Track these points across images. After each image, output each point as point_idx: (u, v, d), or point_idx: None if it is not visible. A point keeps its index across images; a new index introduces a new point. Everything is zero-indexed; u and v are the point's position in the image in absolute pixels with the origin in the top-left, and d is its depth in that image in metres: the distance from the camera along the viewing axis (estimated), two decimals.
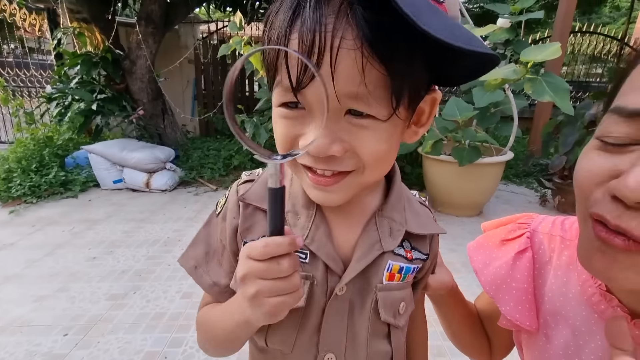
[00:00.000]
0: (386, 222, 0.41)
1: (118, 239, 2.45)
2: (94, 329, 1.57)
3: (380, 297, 0.40)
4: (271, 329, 0.41)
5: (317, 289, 0.39)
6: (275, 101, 0.34)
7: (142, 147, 3.55)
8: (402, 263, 0.41)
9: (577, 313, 0.41)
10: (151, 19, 3.65)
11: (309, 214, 0.40)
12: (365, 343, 0.41)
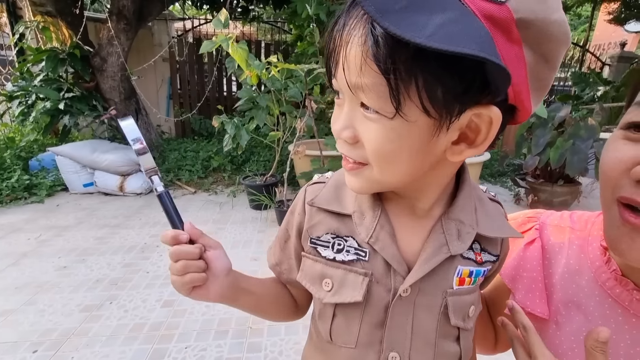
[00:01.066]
0: (453, 224, 0.40)
1: (90, 246, 2.32)
2: (67, 344, 1.47)
3: (451, 302, 0.40)
4: (334, 323, 0.42)
5: (377, 286, 0.40)
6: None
7: (114, 148, 3.39)
8: (472, 267, 0.41)
9: (590, 299, 0.42)
10: (123, 15, 3.49)
11: (374, 214, 0.41)
12: (434, 345, 0.41)
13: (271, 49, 5.60)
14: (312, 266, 0.43)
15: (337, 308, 0.42)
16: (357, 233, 0.41)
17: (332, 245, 0.42)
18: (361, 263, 0.40)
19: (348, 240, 0.41)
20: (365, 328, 0.41)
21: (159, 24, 5.24)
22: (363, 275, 0.40)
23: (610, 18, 7.52)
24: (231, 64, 2.31)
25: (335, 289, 0.41)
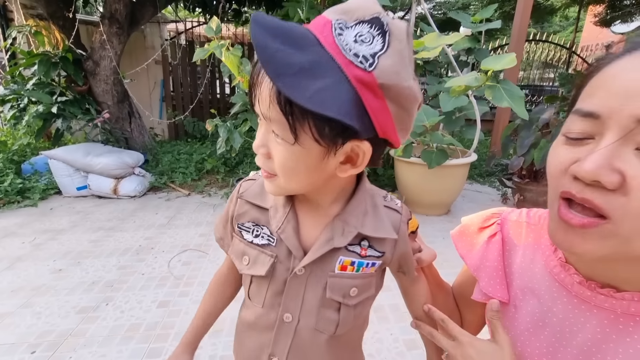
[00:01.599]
0: (340, 224, 0.51)
1: (85, 249, 2.35)
2: (65, 345, 1.50)
3: (330, 282, 0.52)
4: (251, 288, 0.56)
5: (280, 265, 0.53)
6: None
7: (108, 151, 3.40)
8: (354, 258, 0.52)
9: (541, 284, 0.48)
10: (115, 19, 3.51)
11: (284, 211, 0.52)
12: (317, 311, 0.54)
13: None
14: (237, 245, 0.57)
15: (253, 277, 0.55)
16: (270, 224, 0.53)
17: (252, 231, 0.55)
18: (270, 247, 0.53)
19: (263, 229, 0.54)
20: (269, 294, 0.54)
21: (152, 27, 5.25)
22: (270, 256, 0.53)
23: (596, 20, 7.70)
24: (225, 69, 2.36)
25: (250, 264, 0.54)
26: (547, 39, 7.31)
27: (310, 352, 0.55)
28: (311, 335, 0.54)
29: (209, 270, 2.09)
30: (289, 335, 0.54)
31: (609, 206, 0.34)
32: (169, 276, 2.03)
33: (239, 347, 0.63)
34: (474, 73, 2.15)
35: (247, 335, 0.60)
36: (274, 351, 0.55)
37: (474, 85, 2.09)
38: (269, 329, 0.55)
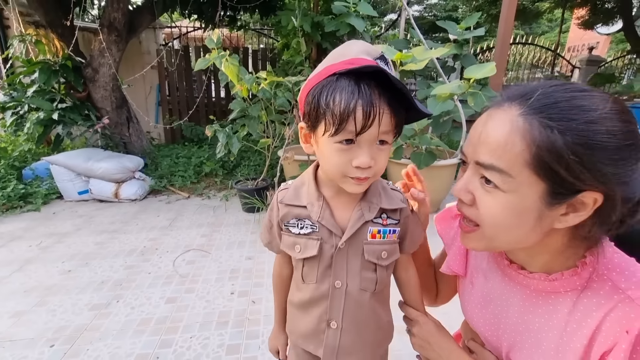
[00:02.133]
0: (366, 204, 0.66)
1: (92, 250, 2.45)
2: (81, 338, 1.62)
3: (366, 248, 0.67)
4: (304, 270, 0.70)
5: (325, 245, 0.66)
6: (338, 139, 0.56)
7: (108, 156, 3.50)
8: (379, 227, 0.67)
9: (486, 265, 0.63)
10: (114, 27, 3.60)
11: (319, 204, 0.67)
12: (359, 273, 0.68)
13: (258, 56, 5.76)
14: (287, 239, 0.69)
15: (305, 260, 0.68)
16: (311, 216, 0.66)
17: (297, 225, 0.68)
18: (315, 233, 0.67)
19: (305, 221, 0.67)
20: (320, 269, 0.68)
21: (147, 32, 5.34)
22: (316, 239, 0.66)
23: (579, 22, 7.96)
24: (224, 76, 2.48)
25: (302, 250, 0.67)
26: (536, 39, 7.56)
27: (358, 310, 0.69)
28: (358, 294, 0.68)
29: (212, 269, 2.21)
30: (341, 298, 0.68)
31: (471, 216, 0.50)
32: (174, 274, 2.15)
33: (296, 325, 0.75)
34: (458, 81, 2.31)
35: (302, 314, 0.73)
36: (331, 316, 0.68)
37: (458, 92, 2.25)
38: (324, 299, 0.68)
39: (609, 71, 7.03)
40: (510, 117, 0.43)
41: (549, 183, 0.42)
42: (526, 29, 16.68)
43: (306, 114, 0.60)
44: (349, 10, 3.25)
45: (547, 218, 0.44)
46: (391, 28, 6.49)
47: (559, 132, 0.40)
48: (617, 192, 0.41)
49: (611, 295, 0.46)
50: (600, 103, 0.41)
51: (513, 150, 0.42)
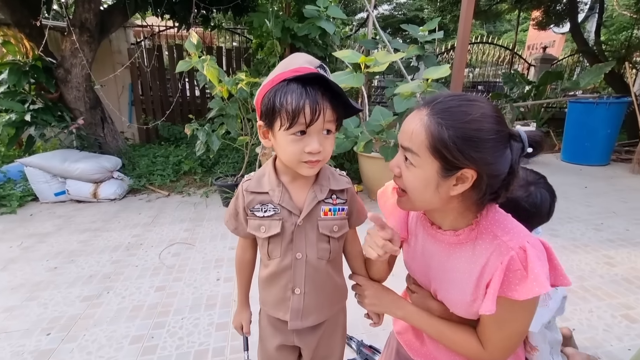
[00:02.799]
0: (318, 186, 0.81)
1: (76, 248, 2.52)
2: (76, 326, 1.73)
3: (320, 224, 0.81)
4: (269, 248, 0.82)
5: (286, 223, 0.80)
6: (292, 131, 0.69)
7: (85, 157, 3.51)
8: (330, 206, 0.82)
9: (418, 228, 0.83)
10: (86, 28, 3.60)
11: (279, 189, 0.79)
12: (316, 245, 0.82)
13: (232, 55, 5.83)
14: (253, 222, 0.81)
15: (270, 239, 0.81)
16: (272, 200, 0.79)
17: (261, 209, 0.80)
18: (277, 214, 0.79)
19: (268, 205, 0.80)
20: (283, 245, 0.81)
21: (117, 31, 5.27)
22: (278, 220, 0.79)
23: (534, 23, 8.57)
24: (202, 78, 2.60)
25: (267, 230, 0.80)
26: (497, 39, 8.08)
27: (317, 276, 0.83)
28: (316, 263, 0.82)
29: (198, 259, 2.35)
30: (302, 267, 0.81)
31: (401, 184, 0.69)
32: (161, 266, 2.27)
33: (266, 297, 0.88)
34: (418, 81, 2.57)
35: (270, 285, 0.85)
36: (295, 284, 0.82)
37: (419, 91, 2.50)
38: (288, 270, 0.81)
39: (560, 69, 7.65)
40: (420, 116, 0.63)
41: (441, 162, 0.61)
42: (490, 28, 17.51)
43: (263, 113, 0.72)
44: (319, 13, 3.43)
45: (443, 187, 0.64)
46: (361, 27, 6.74)
47: (445, 128, 0.59)
48: (484, 170, 0.60)
49: (492, 241, 0.66)
50: (476, 110, 0.60)
51: (419, 137, 0.62)
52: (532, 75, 7.98)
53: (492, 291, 0.63)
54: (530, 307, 0.65)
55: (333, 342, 0.93)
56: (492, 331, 0.68)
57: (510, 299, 0.63)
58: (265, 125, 0.73)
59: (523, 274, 0.61)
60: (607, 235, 2.73)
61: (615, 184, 4.08)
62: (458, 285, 0.72)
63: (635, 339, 1.62)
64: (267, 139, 0.76)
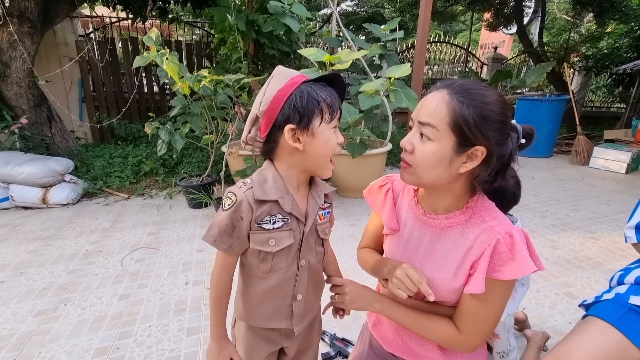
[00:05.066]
0: (316, 192, 0.82)
1: (25, 259, 2.32)
2: (30, 343, 1.60)
3: (318, 228, 0.83)
4: (274, 261, 0.78)
5: (296, 232, 0.78)
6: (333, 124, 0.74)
7: (31, 159, 3.22)
8: (323, 210, 0.84)
9: (409, 218, 0.86)
10: (26, 18, 3.28)
11: (288, 197, 0.76)
12: (315, 249, 0.84)
13: (193, 50, 5.61)
14: (260, 236, 0.75)
15: (275, 252, 0.76)
16: (282, 209, 0.75)
17: (270, 221, 0.75)
18: (286, 225, 0.76)
19: (277, 216, 0.75)
20: (291, 255, 0.79)
21: (64, 21, 4.87)
22: (289, 230, 0.77)
23: (486, 25, 9.11)
24: (163, 73, 2.48)
25: (277, 243, 0.76)
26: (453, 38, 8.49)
27: (316, 279, 0.86)
28: (315, 267, 0.84)
29: (164, 264, 2.27)
30: (305, 273, 0.81)
31: (409, 160, 0.73)
32: (124, 273, 2.16)
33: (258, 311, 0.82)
34: (382, 79, 2.66)
35: (269, 298, 0.81)
36: (297, 290, 0.81)
37: (381, 89, 2.58)
38: (292, 278, 0.80)
39: (509, 68, 8.23)
40: (441, 95, 0.67)
41: (458, 137, 0.66)
42: (446, 27, 18.34)
43: (294, 116, 0.70)
44: (284, 10, 3.40)
45: (455, 163, 0.68)
46: (325, 24, 6.77)
47: (466, 106, 0.64)
48: (494, 149, 0.66)
49: (480, 225, 0.74)
50: (491, 94, 0.67)
51: (441, 113, 0.66)
52: (485, 73, 8.50)
53: (481, 271, 0.70)
54: (509, 289, 0.73)
55: (312, 334, 0.97)
56: (471, 314, 0.74)
57: (494, 279, 0.70)
58: (300, 127, 0.71)
59: (509, 255, 0.68)
60: (551, 221, 3.02)
61: (557, 174, 4.49)
62: (442, 264, 0.78)
63: (575, 313, 1.82)
64: (300, 141, 0.73)
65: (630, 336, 0.78)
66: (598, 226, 2.92)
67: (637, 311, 0.82)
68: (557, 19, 10.33)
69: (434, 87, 0.71)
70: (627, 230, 0.95)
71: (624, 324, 0.80)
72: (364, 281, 0.97)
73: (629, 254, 2.44)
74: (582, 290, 2.02)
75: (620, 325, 0.80)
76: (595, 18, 7.30)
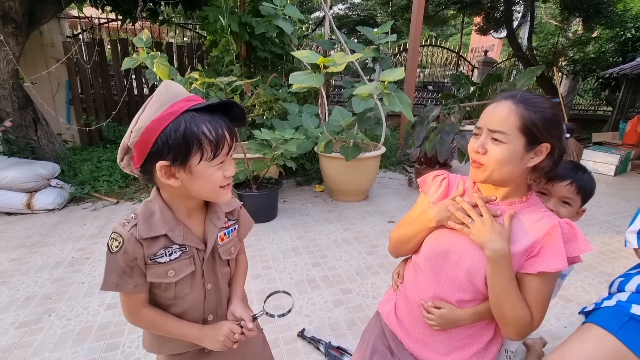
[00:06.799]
0: (214, 214, 0.79)
1: (8, 268, 2.23)
2: (12, 357, 1.53)
3: (220, 250, 0.80)
4: (177, 289, 0.75)
5: (196, 259, 0.76)
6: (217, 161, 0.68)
7: (15, 164, 3.12)
8: (225, 230, 0.81)
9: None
10: (10, 18, 3.19)
11: (179, 228, 0.73)
12: (219, 270, 0.82)
13: (184, 52, 5.55)
14: (157, 270, 0.71)
15: (178, 281, 0.74)
16: (175, 241, 0.72)
17: (165, 254, 0.71)
18: (185, 254, 0.74)
19: (173, 247, 0.72)
20: (195, 280, 0.77)
21: (50, 22, 4.76)
22: (188, 258, 0.75)
23: (476, 29, 9.24)
24: (152, 75, 2.43)
25: (177, 273, 0.73)
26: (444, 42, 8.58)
27: (223, 297, 0.84)
28: (222, 287, 0.83)
29: None
30: (212, 295, 0.81)
31: (482, 160, 0.80)
32: None
33: (168, 341, 0.80)
34: (375, 83, 2.64)
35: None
36: (207, 312, 0.81)
37: (376, 92, 2.57)
38: (200, 302, 0.79)
39: (499, 71, 8.34)
40: (508, 105, 0.78)
41: (527, 138, 0.77)
42: (437, 31, 18.56)
43: (167, 151, 0.63)
44: (276, 12, 3.38)
45: (525, 159, 0.79)
46: (318, 27, 6.77)
47: (533, 112, 0.76)
48: (557, 145, 0.79)
49: (538, 212, 0.83)
50: (546, 100, 0.79)
51: (510, 121, 0.77)
52: (475, 76, 8.60)
53: (559, 247, 0.76)
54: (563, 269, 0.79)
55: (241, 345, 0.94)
56: (538, 294, 0.78)
57: None
58: (175, 164, 0.64)
59: (569, 237, 0.78)
60: None
61: None
62: None
63: (570, 317, 1.82)
64: (176, 178, 0.67)
65: (629, 345, 0.77)
66: (589, 229, 2.95)
67: (638, 320, 0.81)
68: (545, 23, 10.54)
69: (497, 98, 0.82)
70: (629, 235, 0.95)
71: (623, 333, 0.79)
72: (362, 284, 0.95)
73: (620, 256, 2.46)
74: (576, 294, 2.02)
75: (620, 335, 0.78)
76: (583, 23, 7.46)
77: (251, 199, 2.85)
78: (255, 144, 2.69)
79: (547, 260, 0.76)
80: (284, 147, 2.60)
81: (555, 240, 0.76)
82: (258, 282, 2.09)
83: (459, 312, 0.85)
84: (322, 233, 2.74)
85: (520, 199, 0.85)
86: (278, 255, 2.41)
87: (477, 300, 0.85)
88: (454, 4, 7.68)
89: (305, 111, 3.52)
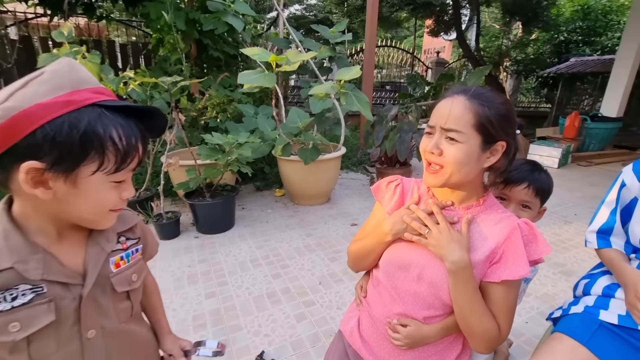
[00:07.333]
0: (100, 235, 0.59)
1: None
2: None
3: (114, 281, 0.60)
4: (32, 348, 0.52)
5: (64, 301, 0.53)
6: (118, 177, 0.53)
7: None
8: (122, 253, 0.63)
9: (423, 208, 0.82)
10: None
11: (37, 257, 0.51)
12: (113, 309, 0.61)
13: (129, 51, 5.12)
14: None
15: (30, 336, 0.50)
16: (27, 277, 0.49)
17: (4, 299, 0.48)
18: (41, 296, 0.50)
19: (19, 288, 0.49)
20: (64, 331, 0.54)
21: None
22: (47, 302, 0.51)
23: (428, 31, 9.61)
24: None
25: (25, 326, 0.50)
26: (400, 43, 8.80)
27: (122, 343, 0.63)
28: (118, 330, 0.62)
29: None
30: (99, 345, 0.58)
31: (439, 161, 0.73)
32: None
33: None
34: (331, 82, 2.56)
35: None
36: None
37: (332, 92, 2.49)
38: (77, 357, 0.56)
39: (451, 71, 8.74)
40: (462, 101, 0.72)
41: (483, 136, 0.71)
42: (392, 33, 19.17)
43: (43, 151, 0.46)
44: (225, 8, 3.19)
45: (481, 159, 0.74)
46: (272, 27, 6.61)
47: (487, 108, 0.70)
48: (512, 143, 0.74)
49: (496, 214, 0.78)
50: (500, 96, 0.74)
51: (465, 118, 0.71)
52: (430, 76, 8.93)
53: (520, 253, 0.71)
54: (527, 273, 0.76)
55: None
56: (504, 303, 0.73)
57: None
58: (54, 169, 0.47)
59: (530, 239, 0.74)
60: None
61: None
62: None
63: (530, 311, 1.85)
64: (47, 188, 0.48)
65: (601, 355, 0.73)
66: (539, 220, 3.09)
67: (608, 328, 0.77)
68: (490, 26, 11.25)
69: (448, 93, 0.76)
70: (589, 235, 0.92)
71: (594, 343, 0.75)
72: (326, 294, 0.84)
73: (570, 246, 2.59)
74: (533, 287, 2.07)
75: (590, 345, 0.75)
76: (522, 26, 8.02)
77: (205, 208, 2.64)
78: (206, 150, 2.48)
79: (509, 267, 0.72)
80: (239, 151, 2.42)
81: (516, 245, 0.72)
82: (212, 301, 1.90)
83: (426, 329, 0.80)
84: (283, 241, 2.59)
85: (478, 201, 0.80)
86: (235, 269, 2.23)
87: (446, 315, 0.80)
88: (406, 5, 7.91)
89: (261, 113, 3.35)
